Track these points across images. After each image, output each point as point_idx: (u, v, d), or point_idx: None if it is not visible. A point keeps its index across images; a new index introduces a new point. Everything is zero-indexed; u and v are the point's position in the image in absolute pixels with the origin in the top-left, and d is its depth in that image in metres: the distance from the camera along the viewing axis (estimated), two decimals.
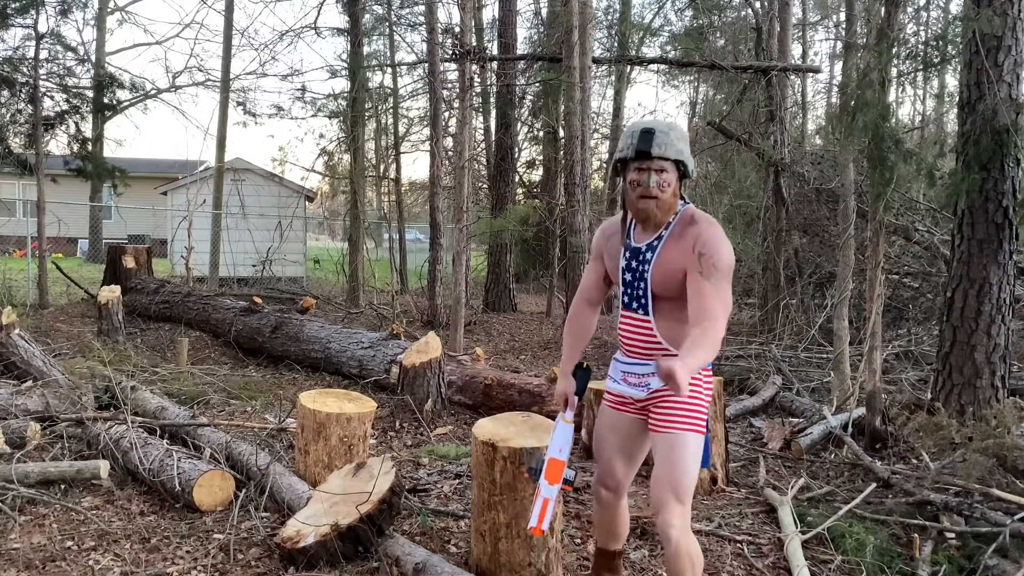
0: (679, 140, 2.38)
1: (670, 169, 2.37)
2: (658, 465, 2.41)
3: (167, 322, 9.01)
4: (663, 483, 2.37)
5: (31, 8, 10.44)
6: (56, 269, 11.20)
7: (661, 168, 2.36)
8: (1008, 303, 4.83)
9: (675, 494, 2.35)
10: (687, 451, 2.38)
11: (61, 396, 4.98)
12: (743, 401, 6.21)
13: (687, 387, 2.06)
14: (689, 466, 2.38)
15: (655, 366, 2.39)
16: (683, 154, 2.38)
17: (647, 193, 2.37)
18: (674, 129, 2.40)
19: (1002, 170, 4.78)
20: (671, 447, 2.39)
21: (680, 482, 2.36)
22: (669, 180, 2.37)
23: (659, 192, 2.37)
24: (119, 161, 12.52)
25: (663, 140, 2.35)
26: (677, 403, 2.41)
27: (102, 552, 3.24)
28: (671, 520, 2.34)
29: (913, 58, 6.31)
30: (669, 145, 2.35)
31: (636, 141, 2.36)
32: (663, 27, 16.13)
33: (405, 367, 5.61)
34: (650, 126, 2.38)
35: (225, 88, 14.33)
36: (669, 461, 2.38)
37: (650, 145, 2.34)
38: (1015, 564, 3.09)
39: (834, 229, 9.08)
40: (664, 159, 2.35)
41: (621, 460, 2.62)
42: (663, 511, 2.35)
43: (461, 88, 9.42)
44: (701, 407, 2.44)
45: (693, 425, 2.41)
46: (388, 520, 3.14)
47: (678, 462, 2.37)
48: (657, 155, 2.34)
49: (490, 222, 12.17)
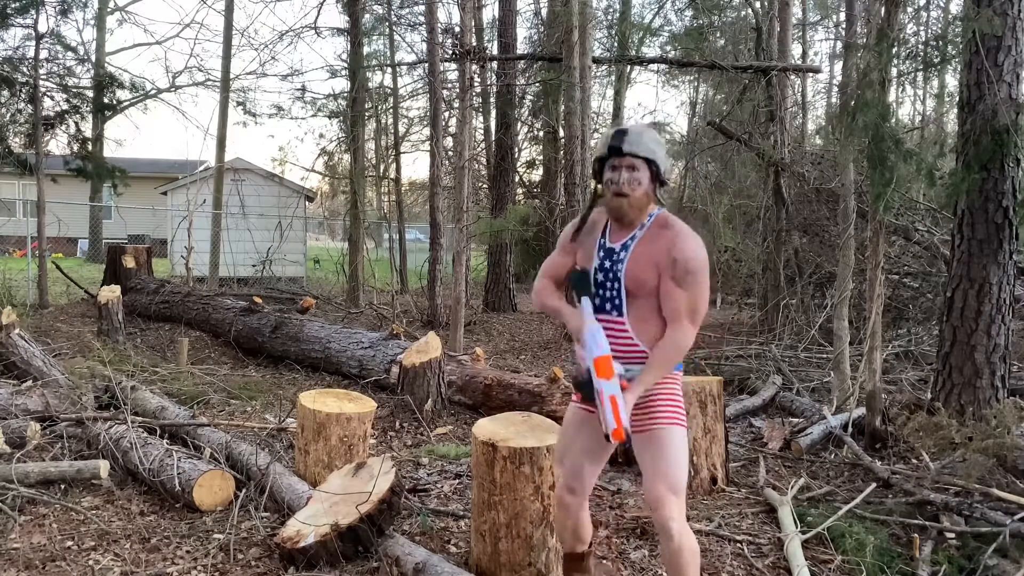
0: (652, 142, 2.45)
1: (641, 168, 2.43)
2: (648, 463, 2.43)
3: (167, 322, 9.00)
4: (656, 479, 2.40)
5: (31, 8, 10.44)
6: (56, 269, 11.20)
7: (632, 165, 2.43)
8: (1008, 303, 4.83)
9: (670, 488, 2.38)
10: (673, 445, 2.42)
11: (61, 396, 4.98)
12: (743, 401, 6.21)
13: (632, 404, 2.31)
14: (678, 459, 2.42)
15: (632, 371, 2.41)
16: (655, 154, 2.44)
17: (619, 191, 2.44)
18: (648, 131, 2.49)
19: (1002, 170, 4.78)
20: (658, 443, 2.43)
21: (672, 475, 2.40)
22: (640, 179, 2.43)
23: (630, 189, 2.43)
24: (119, 161, 12.53)
25: (635, 139, 2.43)
26: (655, 401, 2.45)
27: (102, 552, 3.24)
28: (670, 514, 2.36)
29: (913, 58, 6.30)
30: (641, 144, 2.43)
31: (609, 139, 2.46)
32: (663, 27, 16.14)
33: (405, 367, 5.61)
34: (624, 127, 2.50)
35: (225, 88, 14.34)
36: (658, 457, 2.42)
37: (621, 142, 2.42)
38: (1015, 564, 3.09)
39: (834, 229, 9.08)
40: (635, 156, 2.42)
41: (588, 462, 2.61)
42: (661, 507, 2.37)
43: (461, 88, 9.42)
44: (679, 402, 2.50)
45: (674, 419, 2.45)
46: (388, 520, 3.15)
47: (667, 457, 2.41)
48: (628, 151, 2.42)
49: (490, 222, 12.16)
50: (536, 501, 2.87)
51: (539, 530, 2.89)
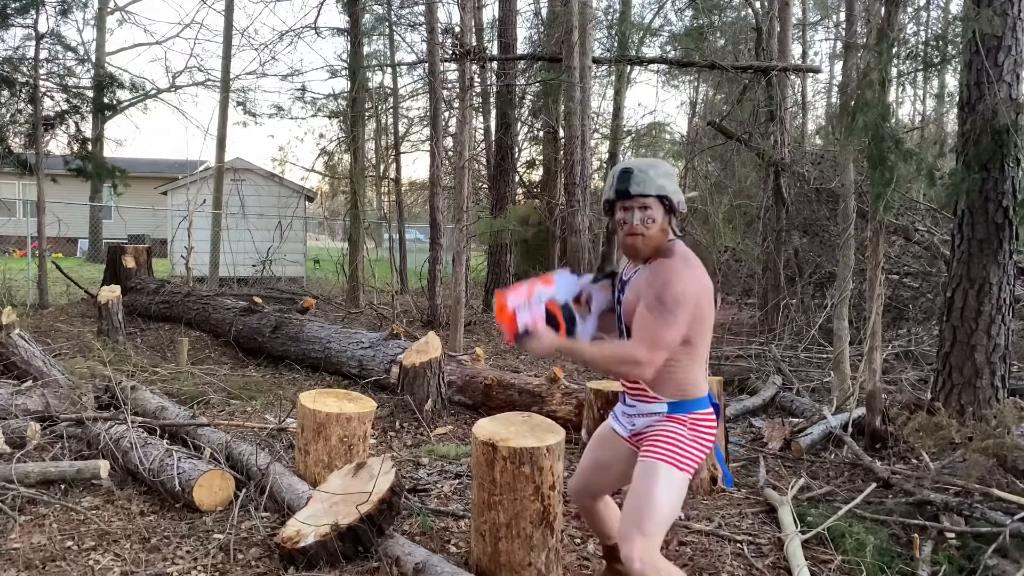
0: (660, 176, 2.38)
1: (654, 205, 2.38)
2: (629, 494, 2.38)
3: (167, 322, 9.00)
4: (630, 515, 2.33)
5: (31, 8, 10.44)
6: (56, 269, 11.20)
7: (644, 205, 2.37)
8: (1008, 303, 4.83)
9: (639, 528, 2.28)
10: (658, 482, 2.32)
11: (61, 396, 4.98)
12: (743, 401, 6.21)
13: (538, 350, 2.33)
14: (659, 497, 2.30)
15: (638, 407, 2.47)
16: (665, 189, 2.38)
17: (633, 231, 2.40)
18: (655, 167, 2.42)
19: (1002, 170, 4.78)
20: (642, 474, 2.36)
21: (646, 515, 2.29)
22: (653, 216, 2.38)
23: (643, 229, 2.38)
24: (119, 161, 12.52)
25: (641, 178, 2.37)
26: (659, 437, 2.39)
27: (102, 552, 3.24)
28: (631, 555, 2.26)
29: (913, 58, 6.30)
30: (648, 182, 2.37)
31: (615, 182, 2.41)
32: (663, 27, 16.13)
33: (405, 367, 5.61)
34: (629, 166, 2.41)
35: (225, 88, 14.33)
36: (638, 491, 2.34)
37: (628, 184, 2.37)
38: (1015, 564, 3.09)
39: (834, 229, 9.09)
40: (645, 196, 2.37)
41: (600, 472, 2.67)
42: (624, 544, 2.30)
43: (461, 88, 9.41)
44: (684, 446, 2.37)
45: (673, 459, 2.35)
46: (388, 520, 3.15)
47: (646, 492, 2.31)
48: (637, 193, 2.36)
49: (490, 222, 12.16)
50: (536, 501, 2.87)
51: (539, 530, 2.89)
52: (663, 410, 2.42)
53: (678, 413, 2.41)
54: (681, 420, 2.40)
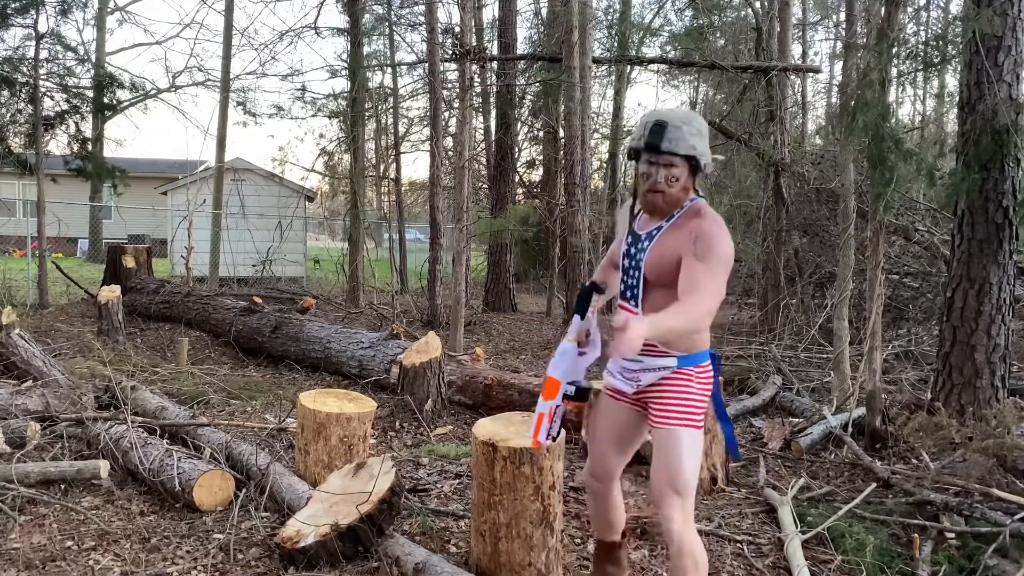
0: (693, 135, 2.30)
1: (680, 164, 2.31)
2: (655, 461, 2.40)
3: (167, 322, 9.00)
4: (660, 478, 2.36)
5: (31, 8, 10.44)
6: (56, 269, 11.20)
7: (670, 163, 2.30)
8: (1008, 303, 4.83)
9: (673, 487, 2.33)
10: (682, 446, 2.35)
11: (61, 396, 4.98)
12: (743, 401, 6.20)
13: (637, 346, 1.97)
14: (685, 460, 2.35)
15: (645, 362, 2.41)
16: (695, 149, 2.30)
17: (654, 187, 2.34)
18: (690, 123, 2.33)
19: (1002, 170, 4.78)
20: (666, 442, 2.38)
21: (677, 475, 2.33)
22: (677, 175, 2.32)
23: (666, 187, 2.33)
24: (119, 161, 12.52)
25: (675, 135, 2.28)
26: (672, 399, 2.39)
27: (102, 552, 3.24)
28: (670, 513, 2.32)
29: (913, 58, 6.30)
30: (681, 140, 2.28)
31: (647, 133, 2.31)
32: (663, 27, 16.12)
33: (405, 367, 5.61)
34: (664, 118, 2.31)
35: (225, 88, 14.33)
36: (665, 457, 2.37)
37: (660, 139, 2.28)
38: (1015, 564, 3.09)
39: (834, 229, 9.09)
40: (674, 154, 2.30)
41: (613, 448, 2.61)
42: (662, 505, 2.34)
43: (461, 88, 9.41)
44: (697, 403, 2.39)
45: (688, 421, 2.37)
46: (388, 520, 3.14)
47: (673, 457, 2.34)
48: (667, 150, 2.29)
49: (490, 222, 12.17)
50: (536, 501, 2.87)
51: (539, 530, 2.89)
52: (673, 364, 2.39)
53: (687, 366, 2.39)
54: (689, 374, 2.39)
